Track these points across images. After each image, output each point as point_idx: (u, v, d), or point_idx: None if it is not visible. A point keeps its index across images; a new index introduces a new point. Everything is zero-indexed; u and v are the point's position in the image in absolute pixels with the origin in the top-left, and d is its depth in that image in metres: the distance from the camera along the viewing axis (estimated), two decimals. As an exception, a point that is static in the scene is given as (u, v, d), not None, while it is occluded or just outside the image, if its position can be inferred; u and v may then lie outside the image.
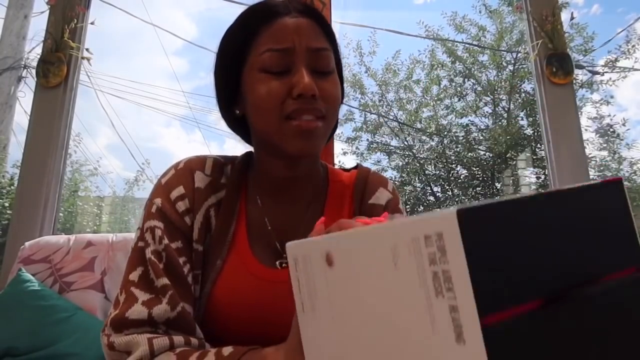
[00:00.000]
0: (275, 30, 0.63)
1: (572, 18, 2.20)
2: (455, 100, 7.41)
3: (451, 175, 7.15)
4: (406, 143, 7.46)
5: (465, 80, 7.40)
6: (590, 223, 0.27)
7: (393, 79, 7.55)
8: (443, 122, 7.41)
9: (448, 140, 7.35)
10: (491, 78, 7.37)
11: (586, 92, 6.79)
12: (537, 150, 6.66)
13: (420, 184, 7.26)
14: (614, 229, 0.28)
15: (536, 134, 6.67)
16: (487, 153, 7.08)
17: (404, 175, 7.24)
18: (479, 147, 7.25)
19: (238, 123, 0.72)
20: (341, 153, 7.44)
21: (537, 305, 0.24)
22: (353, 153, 7.48)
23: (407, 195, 7.05)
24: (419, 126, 7.50)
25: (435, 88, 7.48)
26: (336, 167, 0.82)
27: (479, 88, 7.39)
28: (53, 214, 1.74)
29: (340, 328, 0.34)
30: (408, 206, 6.84)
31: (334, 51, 0.68)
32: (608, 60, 6.71)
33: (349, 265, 0.32)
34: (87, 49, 1.92)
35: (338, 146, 7.43)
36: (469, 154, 7.15)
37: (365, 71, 7.57)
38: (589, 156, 6.26)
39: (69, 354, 1.18)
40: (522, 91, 7.17)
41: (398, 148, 7.50)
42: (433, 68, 7.47)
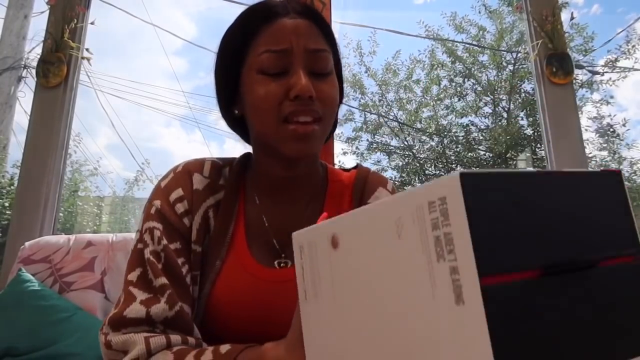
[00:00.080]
0: (273, 31, 0.63)
1: (572, 18, 2.19)
2: (455, 100, 7.41)
3: (451, 175, 7.14)
4: (406, 143, 7.46)
5: (465, 80, 7.40)
6: (589, 208, 0.28)
7: (393, 79, 7.55)
8: (443, 122, 7.41)
9: (448, 140, 7.35)
10: (491, 78, 7.38)
11: (586, 92, 6.79)
12: (537, 150, 6.66)
13: (420, 184, 7.25)
14: (613, 218, 0.28)
15: (536, 134, 6.67)
16: (487, 153, 7.08)
17: (404, 175, 7.24)
18: (479, 147, 7.25)
19: (237, 123, 0.73)
20: (341, 153, 7.45)
21: (536, 274, 0.24)
22: (353, 153, 7.49)
23: (407, 195, 7.03)
24: (419, 126, 7.50)
25: (435, 88, 7.49)
26: (336, 167, 0.82)
27: (479, 88, 7.39)
28: (53, 214, 1.74)
29: (342, 310, 0.34)
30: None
31: (333, 52, 0.68)
32: (608, 60, 6.72)
33: (354, 243, 0.33)
34: (87, 49, 1.92)
35: (338, 146, 7.43)
36: (469, 154, 7.15)
37: (365, 71, 7.58)
38: (589, 156, 6.25)
39: (69, 354, 1.18)
40: (522, 91, 7.17)
41: (398, 148, 7.50)
42: (433, 68, 7.47)
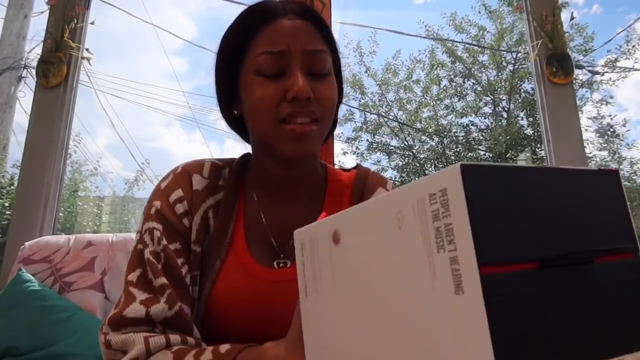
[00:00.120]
0: (271, 32, 0.63)
1: (572, 18, 2.19)
2: (455, 100, 7.41)
3: (451, 175, 7.14)
4: (406, 143, 7.46)
5: (465, 80, 7.40)
6: (587, 205, 0.28)
7: (393, 79, 7.55)
8: (443, 122, 7.41)
9: (448, 140, 7.35)
10: (491, 78, 7.37)
11: (586, 92, 6.79)
12: (537, 150, 6.66)
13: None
14: (611, 216, 0.29)
15: (536, 134, 6.67)
16: (487, 153, 7.08)
17: (404, 175, 7.24)
18: (479, 147, 7.25)
19: (237, 123, 0.73)
20: (341, 153, 7.45)
21: (534, 266, 0.24)
22: (353, 153, 7.49)
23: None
24: (419, 126, 7.49)
25: (435, 88, 7.49)
26: (336, 167, 0.82)
27: (479, 88, 7.39)
28: (53, 214, 1.74)
29: (343, 305, 0.34)
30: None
31: (332, 52, 0.68)
32: (608, 60, 6.72)
33: (355, 238, 0.33)
34: (87, 49, 1.92)
35: (338, 146, 7.43)
36: (469, 154, 7.14)
37: (365, 71, 7.58)
38: (589, 156, 6.25)
39: (69, 354, 1.18)
40: (522, 91, 7.17)
41: (398, 148, 7.50)
42: (433, 68, 7.47)
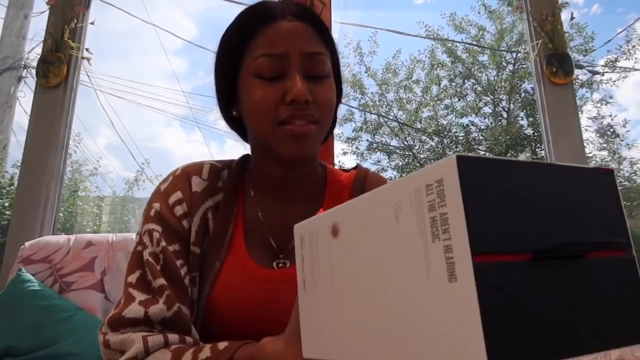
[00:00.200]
0: (270, 34, 0.63)
1: (572, 18, 2.20)
2: (455, 100, 7.41)
3: (451, 175, 7.14)
4: (406, 143, 7.46)
5: (465, 80, 7.39)
6: (582, 201, 0.28)
7: (393, 79, 7.55)
8: (443, 122, 7.41)
9: (448, 140, 7.35)
10: (491, 78, 7.37)
11: (586, 92, 6.79)
12: (537, 150, 6.66)
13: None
14: (605, 213, 0.29)
15: (536, 134, 6.67)
16: (487, 153, 7.08)
17: (404, 175, 7.23)
18: (479, 147, 7.24)
19: (236, 123, 0.73)
20: (341, 153, 7.44)
21: (527, 258, 0.25)
22: (353, 153, 7.48)
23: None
24: (419, 126, 7.49)
25: (435, 88, 7.48)
26: (336, 168, 0.82)
27: (479, 88, 7.39)
28: (53, 214, 1.74)
29: (340, 297, 0.34)
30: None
31: (331, 54, 0.68)
32: (608, 60, 6.71)
33: (354, 230, 0.33)
34: (87, 49, 1.92)
35: (338, 146, 7.43)
36: (469, 154, 7.14)
37: (365, 71, 7.57)
38: (589, 156, 6.25)
39: (69, 354, 1.18)
40: (522, 91, 7.17)
41: (398, 148, 7.50)
42: (433, 68, 7.47)
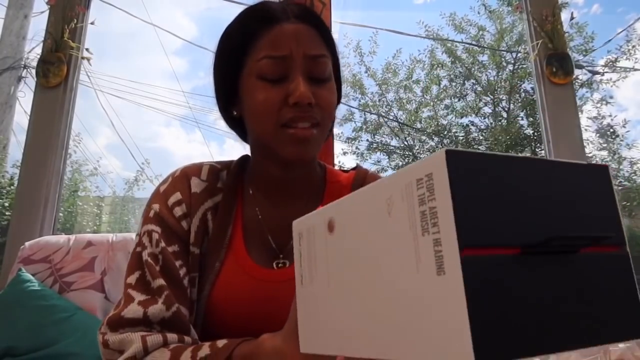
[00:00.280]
0: (273, 36, 0.63)
1: (572, 18, 2.20)
2: (455, 100, 7.41)
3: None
4: (406, 143, 7.46)
5: (465, 81, 7.39)
6: (574, 197, 0.28)
7: (393, 79, 7.55)
8: (443, 122, 7.41)
9: (448, 140, 7.35)
10: (491, 78, 7.37)
11: (586, 92, 6.79)
12: (537, 150, 6.66)
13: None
14: (598, 209, 0.29)
15: (536, 134, 6.67)
16: (487, 153, 7.07)
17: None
18: (479, 147, 7.25)
19: (236, 122, 0.73)
20: (341, 153, 7.44)
21: (516, 252, 0.25)
22: (353, 153, 7.48)
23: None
24: (419, 126, 7.49)
25: (435, 88, 7.48)
26: (336, 168, 0.82)
27: (479, 88, 7.39)
28: (53, 214, 1.74)
29: (335, 291, 0.34)
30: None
31: (332, 55, 0.68)
32: (608, 60, 6.71)
33: (348, 226, 0.33)
34: (87, 49, 1.92)
35: (338, 146, 7.43)
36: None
37: (365, 71, 7.57)
38: (589, 156, 6.25)
39: (69, 354, 1.18)
40: (522, 91, 7.17)
41: (398, 148, 7.50)
42: (433, 68, 7.47)
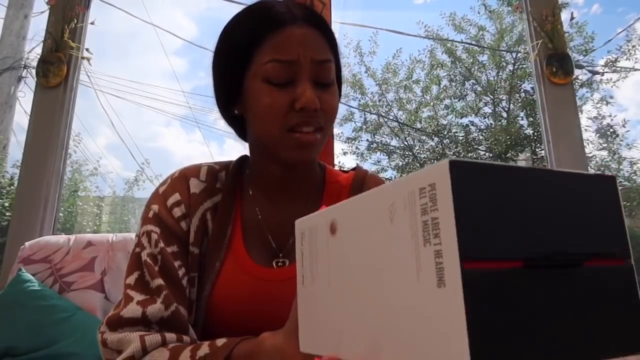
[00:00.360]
0: (280, 40, 0.62)
1: (572, 18, 2.20)
2: (455, 100, 7.41)
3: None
4: (406, 143, 7.46)
5: (465, 81, 7.39)
6: (580, 209, 0.28)
7: (393, 79, 7.55)
8: (443, 122, 7.41)
9: (448, 140, 7.35)
10: (491, 78, 7.37)
11: (586, 92, 6.79)
12: (537, 150, 6.66)
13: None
14: (604, 221, 0.29)
15: (536, 134, 6.67)
16: (487, 153, 7.08)
17: (404, 175, 7.22)
18: (479, 147, 7.24)
19: (235, 121, 0.73)
20: (341, 153, 7.44)
21: (518, 265, 0.24)
22: (353, 153, 7.48)
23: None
24: (419, 126, 7.49)
25: (435, 88, 7.48)
26: (336, 168, 0.82)
27: (479, 88, 7.39)
28: (53, 214, 1.74)
29: (336, 294, 0.34)
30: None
31: (335, 58, 0.68)
32: (608, 60, 6.71)
33: (350, 229, 0.33)
34: (87, 49, 1.92)
35: (338, 146, 7.42)
36: (469, 154, 7.14)
37: (365, 71, 7.57)
38: (589, 156, 6.25)
39: (69, 354, 1.18)
40: (522, 91, 7.17)
41: (398, 148, 7.50)
42: (433, 68, 7.47)
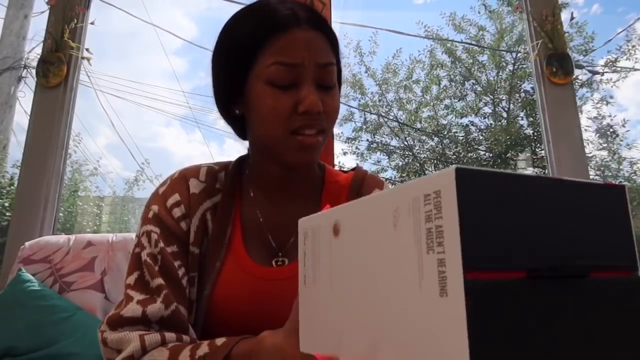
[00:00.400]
0: (285, 43, 0.62)
1: (572, 18, 2.20)
2: (455, 100, 7.41)
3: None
4: (406, 143, 7.46)
5: (465, 81, 7.39)
6: (587, 219, 0.27)
7: (393, 79, 7.55)
8: (443, 122, 7.41)
9: (448, 140, 7.35)
10: (491, 78, 7.37)
11: (586, 92, 6.79)
12: (537, 150, 6.66)
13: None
14: (612, 232, 0.28)
15: (536, 134, 6.67)
16: (487, 153, 7.08)
17: (404, 175, 7.23)
18: (479, 147, 7.24)
19: (235, 120, 0.72)
20: (341, 153, 7.44)
21: (522, 276, 0.24)
22: (353, 153, 7.48)
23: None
24: (419, 126, 7.49)
25: (435, 88, 7.48)
26: (336, 168, 0.82)
27: (479, 88, 7.39)
28: (53, 214, 1.74)
29: (338, 295, 0.34)
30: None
31: (337, 60, 0.68)
32: (608, 60, 6.71)
33: (353, 232, 0.33)
34: (87, 49, 1.92)
35: (338, 146, 7.42)
36: (469, 154, 7.14)
37: (365, 71, 7.57)
38: (589, 156, 6.25)
39: (69, 354, 1.18)
40: (522, 91, 7.17)
41: (398, 148, 7.50)
42: (433, 68, 7.47)
